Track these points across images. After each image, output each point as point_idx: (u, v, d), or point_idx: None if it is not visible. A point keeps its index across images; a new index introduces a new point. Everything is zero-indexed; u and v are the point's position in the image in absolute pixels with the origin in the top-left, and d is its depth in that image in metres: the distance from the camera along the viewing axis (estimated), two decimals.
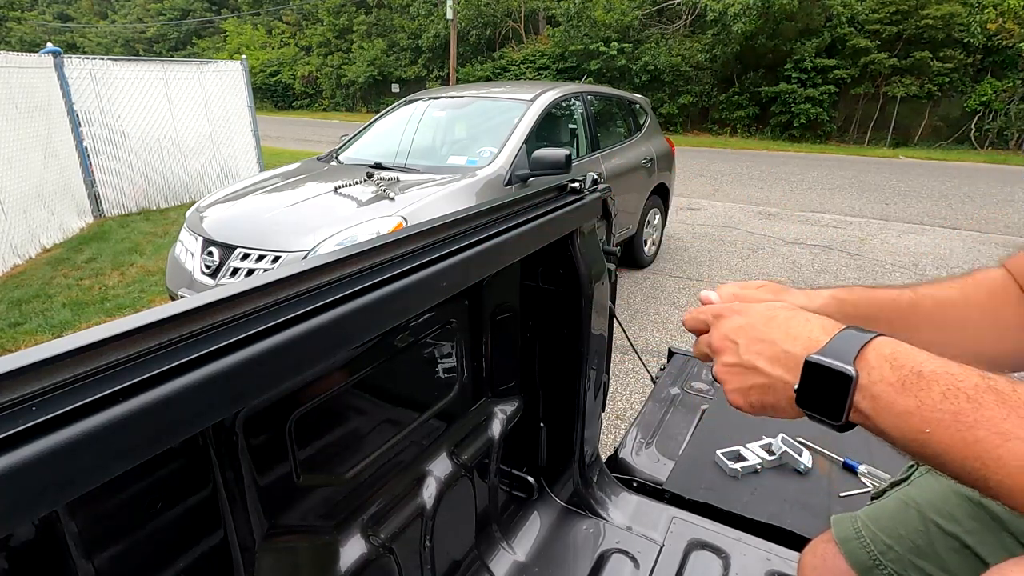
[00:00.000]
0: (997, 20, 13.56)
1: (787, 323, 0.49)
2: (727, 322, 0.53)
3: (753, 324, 0.51)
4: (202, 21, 33.52)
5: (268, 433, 0.71)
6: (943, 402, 0.39)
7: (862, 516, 0.76)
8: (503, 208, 0.92)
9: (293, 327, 0.53)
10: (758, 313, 0.51)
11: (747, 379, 0.50)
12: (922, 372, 0.40)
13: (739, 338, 0.51)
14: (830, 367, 0.43)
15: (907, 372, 0.41)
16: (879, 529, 0.73)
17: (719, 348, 0.53)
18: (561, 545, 1.22)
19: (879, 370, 0.42)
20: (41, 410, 0.37)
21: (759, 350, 0.49)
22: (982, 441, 0.37)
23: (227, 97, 7.43)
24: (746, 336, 0.50)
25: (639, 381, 2.99)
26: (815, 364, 0.44)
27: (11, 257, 4.82)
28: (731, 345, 0.51)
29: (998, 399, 0.37)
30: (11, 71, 5.08)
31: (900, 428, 0.41)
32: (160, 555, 0.61)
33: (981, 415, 0.37)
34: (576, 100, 4.25)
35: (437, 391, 1.05)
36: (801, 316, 0.49)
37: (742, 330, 0.51)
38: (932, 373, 0.40)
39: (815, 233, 6.13)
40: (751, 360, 0.49)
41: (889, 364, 0.42)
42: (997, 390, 0.38)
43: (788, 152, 14.30)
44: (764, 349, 0.49)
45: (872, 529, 0.73)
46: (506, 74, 21.26)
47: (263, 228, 2.81)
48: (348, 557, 0.84)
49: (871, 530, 0.73)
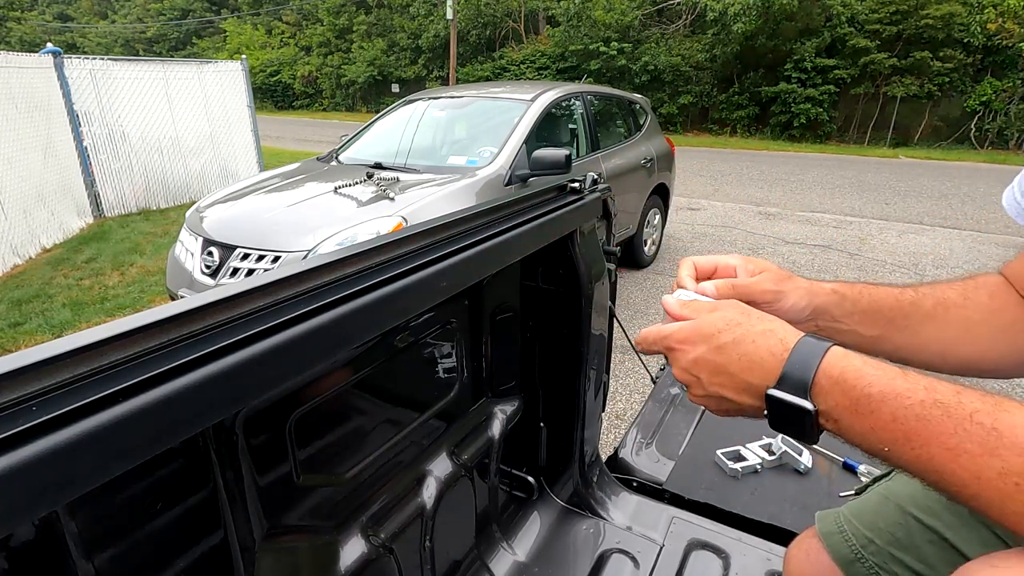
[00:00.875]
0: (997, 20, 13.55)
1: (737, 349, 0.48)
2: (681, 356, 0.52)
3: (706, 358, 0.50)
4: (202, 21, 33.51)
5: (268, 433, 0.71)
6: (894, 423, 0.40)
7: (845, 511, 0.77)
8: (503, 208, 0.92)
9: (293, 327, 0.53)
10: (706, 343, 0.50)
11: (721, 404, 0.51)
12: (871, 394, 0.41)
13: (699, 373, 0.51)
14: (790, 403, 0.44)
15: (857, 395, 0.42)
16: (861, 523, 0.74)
17: (684, 381, 0.53)
18: (561, 545, 1.22)
19: (833, 396, 0.43)
20: (41, 410, 0.37)
21: (721, 382, 0.49)
22: (935, 457, 0.38)
23: (227, 97, 7.43)
24: (704, 370, 0.50)
25: (639, 381, 2.99)
26: (776, 399, 0.45)
27: (11, 257, 4.82)
28: (694, 379, 0.51)
29: (944, 413, 0.38)
30: (11, 71, 5.08)
31: (863, 445, 0.42)
32: (160, 555, 0.61)
33: (930, 433, 0.38)
34: (576, 100, 4.25)
35: (437, 391, 1.05)
36: (747, 338, 0.48)
37: (698, 364, 0.50)
38: (880, 394, 0.41)
39: (815, 233, 6.13)
40: (717, 391, 0.50)
41: (840, 389, 0.43)
42: (943, 404, 0.38)
43: (788, 152, 14.30)
44: (726, 381, 0.49)
45: (854, 523, 0.74)
46: (506, 74, 21.26)
47: (263, 228, 2.81)
48: (348, 557, 0.84)
49: (853, 524, 0.74)
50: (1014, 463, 0.35)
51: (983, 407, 0.37)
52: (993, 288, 0.64)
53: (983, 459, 0.36)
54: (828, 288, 0.63)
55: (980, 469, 0.36)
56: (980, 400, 0.38)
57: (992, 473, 0.36)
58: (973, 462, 0.36)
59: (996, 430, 0.36)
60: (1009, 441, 0.35)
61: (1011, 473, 0.35)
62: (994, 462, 0.35)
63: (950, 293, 0.64)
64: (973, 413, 0.37)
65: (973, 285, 0.64)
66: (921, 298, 0.63)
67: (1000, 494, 0.36)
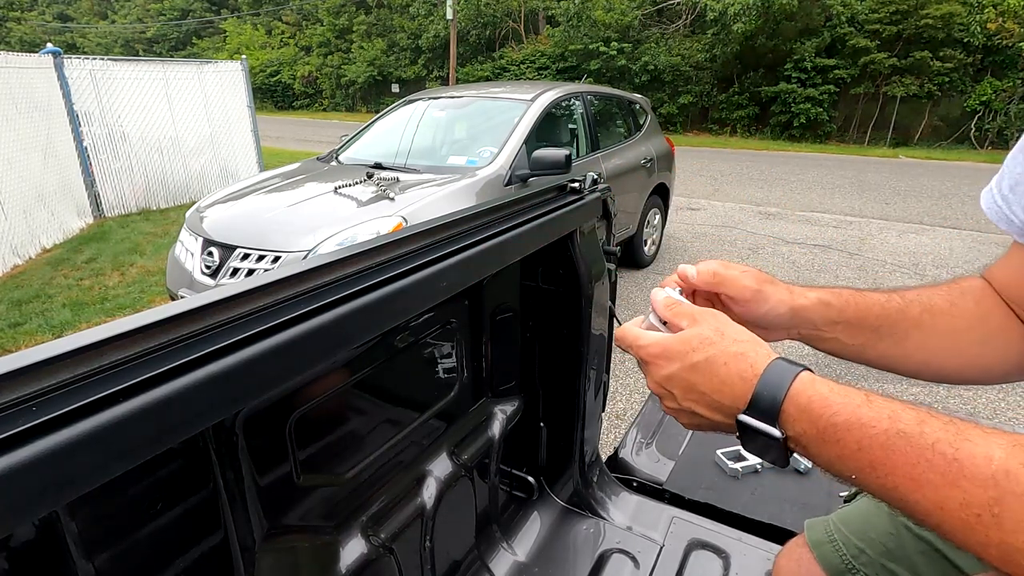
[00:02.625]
0: (997, 20, 13.55)
1: (709, 369, 0.49)
2: (655, 370, 0.52)
3: (679, 375, 0.50)
4: (202, 21, 33.51)
5: (268, 433, 0.71)
6: (859, 453, 0.40)
7: (834, 519, 0.76)
8: (503, 208, 0.92)
9: (293, 327, 0.53)
10: (679, 361, 0.50)
11: (693, 419, 0.52)
12: (836, 423, 0.41)
13: (672, 388, 0.51)
14: (759, 430, 0.45)
15: (824, 424, 0.42)
16: (851, 532, 0.73)
17: (658, 394, 0.54)
18: (561, 545, 1.22)
19: (800, 424, 0.43)
20: (41, 410, 0.37)
21: (694, 399, 0.50)
22: (900, 486, 0.38)
23: (227, 97, 7.43)
24: (677, 387, 0.51)
25: (639, 381, 2.99)
26: (745, 424, 0.46)
27: (11, 257, 4.82)
28: (668, 393, 0.52)
29: (907, 443, 0.38)
30: (11, 71, 5.08)
31: (831, 471, 0.43)
32: (160, 555, 0.61)
33: (894, 463, 0.38)
34: (576, 100, 4.25)
35: (437, 391, 1.05)
36: (719, 359, 0.48)
37: (671, 380, 0.51)
38: (845, 423, 0.41)
39: (815, 233, 6.13)
40: (691, 407, 0.50)
41: (807, 417, 0.43)
42: (905, 433, 0.38)
43: (788, 152, 14.29)
44: (699, 399, 0.49)
45: (844, 532, 0.73)
46: (506, 74, 21.25)
47: (263, 228, 2.81)
48: (348, 557, 0.84)
49: (843, 533, 0.73)
50: (975, 495, 0.35)
51: (945, 436, 0.37)
52: (979, 294, 0.63)
53: (945, 490, 0.36)
54: (813, 296, 0.61)
55: (943, 500, 0.36)
56: (943, 429, 0.38)
57: (954, 504, 0.36)
58: (936, 492, 0.36)
59: (957, 460, 0.36)
60: (970, 472, 0.35)
61: (972, 504, 0.35)
62: (955, 493, 0.36)
63: (937, 300, 0.62)
64: (935, 443, 0.37)
65: (959, 290, 0.63)
66: (908, 305, 0.62)
67: (963, 524, 0.36)
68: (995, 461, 0.35)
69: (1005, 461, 0.35)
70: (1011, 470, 0.34)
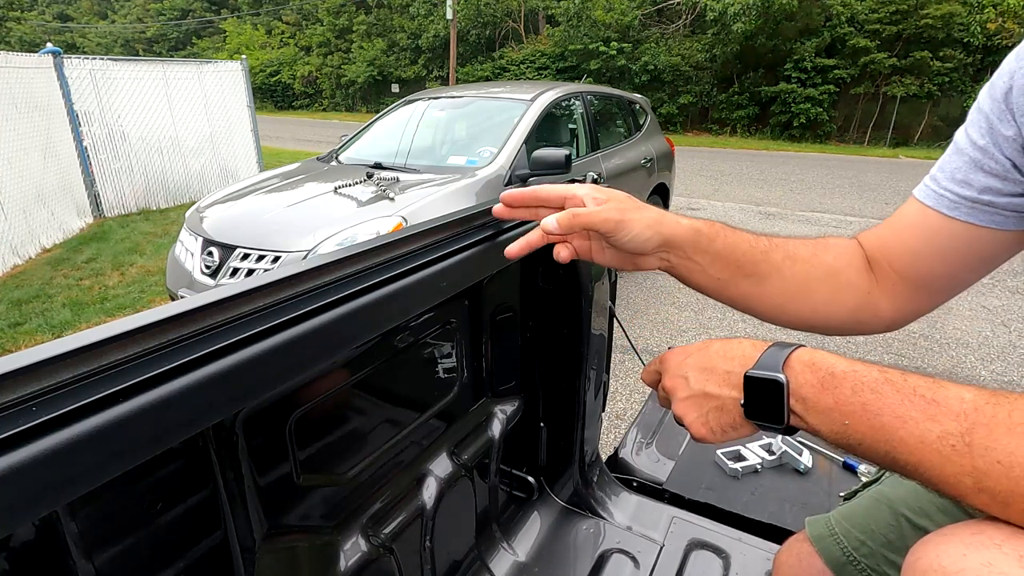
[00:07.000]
0: (997, 20, 13.56)
1: (723, 348, 0.55)
2: (673, 362, 0.59)
3: (696, 355, 0.57)
4: (202, 21, 33.52)
5: (268, 433, 0.71)
6: (853, 396, 0.45)
7: (835, 515, 0.78)
8: None
9: (293, 327, 0.53)
10: (696, 349, 0.58)
11: (702, 405, 0.55)
12: (834, 372, 0.47)
13: (687, 372, 0.56)
14: (765, 377, 0.50)
15: (824, 374, 0.48)
16: (852, 526, 0.74)
17: (673, 387, 0.58)
18: (561, 545, 1.22)
19: (803, 374, 0.48)
20: (41, 410, 0.37)
21: (706, 378, 0.55)
22: (887, 426, 0.43)
23: (227, 97, 7.43)
24: (692, 369, 0.56)
25: (639, 381, 2.99)
26: (753, 377, 0.50)
27: (11, 257, 4.82)
28: (682, 380, 0.57)
29: (894, 388, 0.44)
30: (11, 71, 5.08)
31: (826, 423, 0.47)
32: (160, 555, 0.61)
33: (883, 403, 0.44)
34: (576, 100, 4.25)
35: (437, 391, 1.05)
36: (733, 340, 0.56)
37: (687, 365, 0.57)
38: (842, 373, 0.47)
39: (815, 233, 6.13)
40: (701, 387, 0.55)
41: (809, 368, 0.48)
42: (892, 381, 0.45)
43: (788, 152, 14.29)
44: (710, 376, 0.55)
45: (845, 526, 0.75)
46: (506, 74, 21.26)
47: (263, 228, 2.81)
48: (348, 557, 0.84)
49: (844, 527, 0.75)
50: (950, 427, 0.41)
51: (925, 384, 0.44)
52: (840, 251, 0.67)
53: (925, 424, 0.42)
54: (686, 223, 0.65)
55: (923, 433, 0.42)
56: (923, 380, 0.45)
57: (932, 436, 0.41)
58: (917, 427, 0.42)
59: (936, 401, 0.42)
60: (946, 409, 0.42)
61: (948, 435, 0.41)
62: (934, 426, 0.41)
63: (801, 250, 0.67)
64: (916, 387, 0.44)
65: (823, 245, 0.68)
66: (773, 249, 0.66)
67: (940, 457, 0.41)
68: (966, 401, 0.41)
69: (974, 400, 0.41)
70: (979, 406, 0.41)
